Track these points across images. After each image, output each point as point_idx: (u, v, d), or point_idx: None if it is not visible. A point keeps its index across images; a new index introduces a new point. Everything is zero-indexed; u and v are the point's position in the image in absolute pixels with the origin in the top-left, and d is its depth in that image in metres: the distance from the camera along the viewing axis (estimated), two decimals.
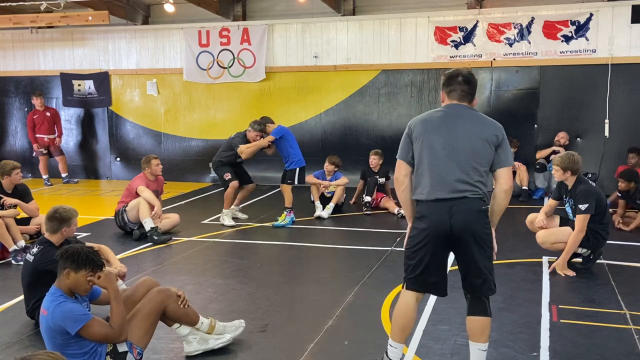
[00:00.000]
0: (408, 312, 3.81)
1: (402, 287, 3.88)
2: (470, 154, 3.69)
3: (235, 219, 8.81)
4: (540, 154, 10.32)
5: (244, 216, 9.01)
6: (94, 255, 3.74)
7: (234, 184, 8.72)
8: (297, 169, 8.64)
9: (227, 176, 8.74)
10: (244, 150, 8.62)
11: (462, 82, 3.83)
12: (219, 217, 8.79)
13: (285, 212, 8.57)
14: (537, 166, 10.26)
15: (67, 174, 12.60)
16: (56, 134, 12.49)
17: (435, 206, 3.66)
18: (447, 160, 3.68)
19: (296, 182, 8.69)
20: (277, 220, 8.55)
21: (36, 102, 12.32)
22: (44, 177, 12.40)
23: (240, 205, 9.20)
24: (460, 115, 3.80)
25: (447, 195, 3.64)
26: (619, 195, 8.25)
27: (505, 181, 3.77)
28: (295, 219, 8.67)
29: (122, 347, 3.79)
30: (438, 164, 3.69)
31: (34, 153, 12.54)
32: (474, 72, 4.01)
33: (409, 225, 3.87)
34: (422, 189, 3.72)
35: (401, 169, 3.85)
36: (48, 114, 12.42)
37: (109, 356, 3.76)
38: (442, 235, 3.65)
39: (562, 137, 10.33)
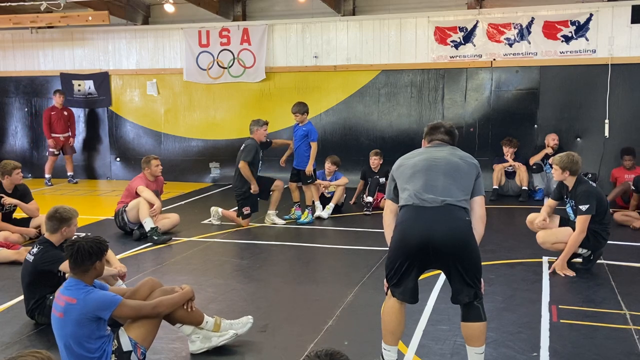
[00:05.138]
0: (395, 316, 3.85)
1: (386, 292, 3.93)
2: (452, 167, 3.83)
3: (274, 224, 8.62)
4: (534, 159, 10.31)
5: (282, 221, 8.68)
6: (100, 238, 3.98)
7: (245, 222, 8.49)
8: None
9: (246, 210, 8.48)
10: (244, 168, 8.34)
11: (443, 132, 4.08)
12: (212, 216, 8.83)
13: (307, 210, 8.76)
14: (534, 167, 10.25)
15: (72, 173, 12.65)
16: (70, 134, 12.57)
17: (417, 211, 3.71)
18: (430, 171, 3.82)
19: (315, 180, 8.85)
20: (300, 217, 8.75)
21: (58, 99, 12.37)
22: (47, 176, 12.40)
23: (276, 210, 8.78)
24: (440, 146, 4.05)
25: (430, 203, 3.71)
26: (634, 188, 8.41)
27: (480, 207, 3.90)
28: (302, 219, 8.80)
29: (126, 347, 3.85)
30: (420, 174, 3.82)
31: (48, 149, 12.54)
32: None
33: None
34: (407, 196, 3.80)
35: (387, 206, 4.08)
36: (65, 112, 12.52)
37: (114, 355, 3.82)
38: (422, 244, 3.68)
39: (552, 139, 10.27)
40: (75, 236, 4.17)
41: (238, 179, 8.50)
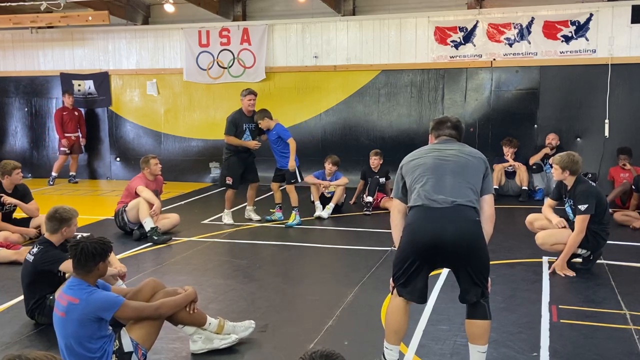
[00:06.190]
0: (399, 315, 3.84)
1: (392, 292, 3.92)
2: (461, 165, 3.82)
3: (249, 219, 8.84)
4: (534, 159, 10.32)
5: (257, 217, 8.84)
6: (105, 239, 3.96)
7: (231, 192, 8.67)
8: (296, 168, 8.65)
9: (229, 180, 8.65)
10: (230, 141, 8.59)
11: (450, 127, 4.06)
12: (221, 216, 8.81)
13: (294, 212, 8.59)
14: (534, 167, 10.26)
15: (75, 173, 12.70)
16: (80, 134, 12.66)
17: (427, 212, 3.70)
18: (439, 170, 3.80)
19: (299, 180, 8.72)
20: (288, 221, 8.58)
21: (68, 100, 12.48)
22: (54, 174, 12.40)
23: (254, 206, 9.00)
24: (448, 142, 4.02)
25: (440, 203, 3.68)
26: (634, 188, 8.45)
27: (490, 206, 3.89)
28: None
29: (127, 347, 3.86)
30: (429, 173, 3.80)
31: (59, 149, 12.55)
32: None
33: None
34: (416, 196, 3.78)
35: (394, 205, 4.04)
36: (76, 113, 12.64)
37: (115, 355, 3.82)
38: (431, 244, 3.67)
39: (552, 138, 10.33)
40: (79, 235, 4.15)
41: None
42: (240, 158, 8.71)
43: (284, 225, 8.52)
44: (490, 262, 3.79)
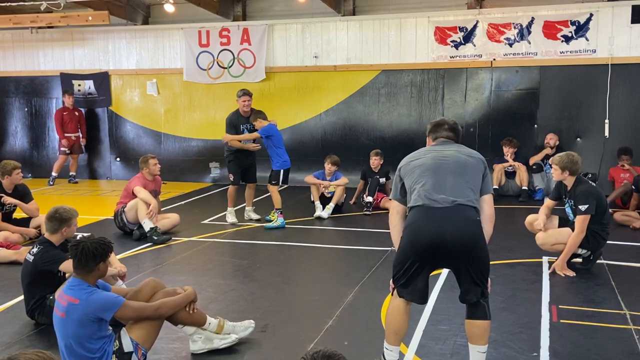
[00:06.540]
0: (400, 316, 3.84)
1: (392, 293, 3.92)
2: (461, 165, 3.83)
3: (249, 220, 8.90)
4: (534, 159, 10.33)
5: (257, 216, 8.90)
6: (105, 239, 3.96)
7: (232, 188, 8.77)
8: (282, 171, 8.49)
9: (231, 177, 8.81)
10: (228, 141, 8.67)
11: (447, 129, 4.08)
12: (223, 215, 8.84)
13: (276, 214, 8.50)
14: (534, 167, 10.26)
15: (75, 173, 12.71)
16: (80, 134, 12.68)
17: (428, 212, 3.70)
18: (439, 170, 3.80)
19: (280, 183, 8.63)
20: (270, 222, 8.51)
21: (68, 100, 12.50)
22: (54, 174, 12.41)
23: (253, 206, 9.07)
24: (446, 143, 4.05)
25: (441, 203, 3.68)
26: (634, 188, 8.46)
27: (489, 206, 3.91)
28: (285, 223, 8.49)
29: (127, 348, 3.86)
30: (429, 173, 3.80)
31: (59, 149, 12.56)
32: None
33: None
34: (417, 196, 3.78)
35: (393, 207, 4.06)
36: (76, 113, 12.66)
37: (114, 355, 3.82)
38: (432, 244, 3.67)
39: (550, 138, 10.34)
40: (79, 235, 4.15)
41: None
42: (240, 157, 8.79)
43: (263, 227, 8.43)
44: (490, 262, 3.79)
